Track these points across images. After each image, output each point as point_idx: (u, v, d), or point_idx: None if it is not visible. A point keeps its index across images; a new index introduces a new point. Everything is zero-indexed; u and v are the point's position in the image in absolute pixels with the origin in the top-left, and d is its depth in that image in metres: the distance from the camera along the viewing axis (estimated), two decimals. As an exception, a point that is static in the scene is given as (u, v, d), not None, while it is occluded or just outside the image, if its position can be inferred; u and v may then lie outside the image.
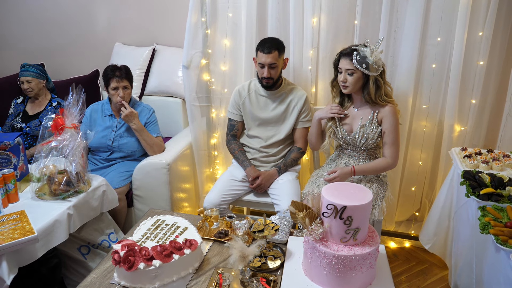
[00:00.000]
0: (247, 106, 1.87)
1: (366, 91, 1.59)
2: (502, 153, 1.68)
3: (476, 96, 1.82)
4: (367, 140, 1.63)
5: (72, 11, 2.62)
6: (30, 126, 2.19)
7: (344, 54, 1.58)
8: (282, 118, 1.85)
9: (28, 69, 2.16)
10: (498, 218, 1.24)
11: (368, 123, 1.62)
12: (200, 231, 1.46)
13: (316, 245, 1.14)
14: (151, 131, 2.02)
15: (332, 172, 1.62)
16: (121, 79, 1.91)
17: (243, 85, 1.91)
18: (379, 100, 1.59)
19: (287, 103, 1.84)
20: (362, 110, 1.65)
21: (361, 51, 1.54)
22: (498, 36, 1.75)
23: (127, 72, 1.95)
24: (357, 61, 1.53)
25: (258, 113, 1.86)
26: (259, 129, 1.89)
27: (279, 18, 1.92)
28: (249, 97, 1.86)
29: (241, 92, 1.88)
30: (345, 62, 1.57)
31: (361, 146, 1.66)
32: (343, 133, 1.67)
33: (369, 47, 1.54)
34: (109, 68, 1.94)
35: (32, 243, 1.32)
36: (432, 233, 1.82)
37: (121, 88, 1.92)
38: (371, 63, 1.53)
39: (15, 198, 1.52)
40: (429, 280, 1.88)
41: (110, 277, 1.26)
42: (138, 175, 1.95)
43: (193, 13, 1.95)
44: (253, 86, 1.88)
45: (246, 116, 1.89)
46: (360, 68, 1.54)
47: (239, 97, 1.88)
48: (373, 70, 1.54)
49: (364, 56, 1.53)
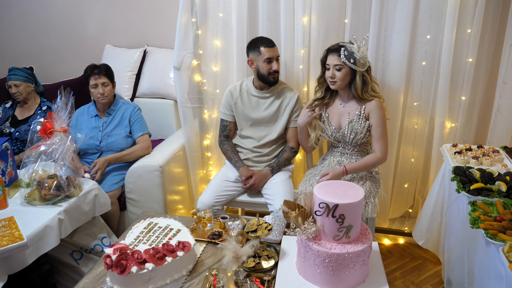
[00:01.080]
0: (239, 106, 1.87)
1: (353, 86, 1.61)
2: (491, 148, 1.69)
3: (466, 92, 1.84)
4: (356, 135, 1.65)
5: (61, 14, 2.59)
6: (20, 131, 2.16)
7: (331, 50, 1.61)
8: (274, 118, 1.86)
9: (16, 72, 2.13)
10: (488, 213, 1.25)
11: (356, 118, 1.64)
12: (193, 233, 1.45)
13: (309, 244, 1.14)
14: (137, 129, 2.01)
15: (324, 175, 1.62)
16: (99, 76, 1.91)
17: (234, 86, 1.90)
18: (366, 95, 1.61)
19: (279, 102, 1.84)
20: (349, 106, 1.67)
21: (348, 47, 1.57)
22: (486, 33, 1.77)
23: (106, 69, 1.95)
24: (345, 56, 1.56)
25: (250, 113, 1.86)
26: (252, 129, 1.89)
27: (269, 18, 1.91)
28: (241, 97, 1.86)
29: (232, 92, 1.88)
30: (333, 58, 1.59)
31: (351, 142, 1.67)
32: (332, 131, 1.69)
33: (356, 43, 1.57)
34: (88, 68, 1.95)
35: (21, 249, 1.30)
36: (425, 229, 1.83)
37: (100, 84, 1.92)
38: (358, 59, 1.56)
39: (4, 204, 1.50)
40: (423, 275, 1.90)
41: (103, 281, 1.25)
42: (130, 178, 1.93)
43: (183, 13, 1.94)
44: (244, 86, 1.87)
45: (238, 116, 1.89)
46: (348, 63, 1.56)
47: (231, 98, 1.87)
48: (360, 66, 1.57)
49: (352, 51, 1.56)
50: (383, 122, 1.62)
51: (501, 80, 1.78)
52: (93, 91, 1.94)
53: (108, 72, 1.96)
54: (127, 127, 2.00)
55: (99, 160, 1.89)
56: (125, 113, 2.01)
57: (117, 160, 1.94)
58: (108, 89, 1.94)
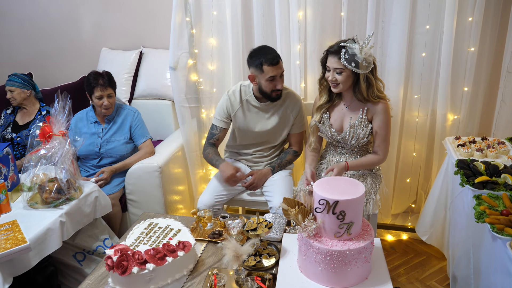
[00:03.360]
0: (240, 118, 1.76)
1: (357, 89, 1.52)
2: (497, 140, 1.66)
3: (469, 83, 1.80)
4: (358, 140, 1.60)
5: (57, 19, 2.60)
6: (21, 136, 2.18)
7: (331, 52, 1.50)
8: (278, 127, 1.77)
9: (11, 78, 2.15)
10: (493, 207, 1.22)
11: (358, 122, 1.57)
12: (194, 233, 1.45)
13: (310, 242, 1.13)
14: (139, 135, 2.01)
15: (329, 170, 1.57)
16: (105, 87, 1.89)
17: (233, 92, 1.75)
18: (372, 97, 1.53)
19: (281, 111, 1.75)
20: (353, 107, 1.60)
21: (349, 48, 1.45)
22: (488, 21, 1.72)
23: (110, 79, 1.93)
24: (346, 59, 1.45)
25: (252, 125, 1.77)
26: (252, 138, 1.82)
27: (264, 14, 1.89)
28: (242, 109, 1.75)
29: (233, 102, 1.74)
30: (333, 61, 1.49)
31: (352, 145, 1.63)
32: (332, 133, 1.63)
33: (358, 44, 1.45)
34: (91, 76, 1.91)
35: (25, 252, 1.31)
36: (429, 224, 1.80)
37: (106, 96, 1.90)
38: (361, 61, 1.44)
39: (7, 208, 1.52)
40: (427, 271, 1.87)
41: (105, 282, 1.25)
42: (130, 180, 1.93)
43: (177, 13, 1.92)
44: (244, 95, 1.76)
45: (238, 127, 1.79)
46: (349, 67, 1.46)
47: (231, 107, 1.75)
48: (363, 68, 1.46)
49: (353, 53, 1.44)
50: (388, 126, 1.57)
51: (505, 69, 1.73)
52: (97, 102, 1.91)
53: (112, 82, 1.93)
54: (127, 133, 2.00)
55: (107, 170, 1.90)
56: (125, 120, 2.00)
57: (122, 168, 1.95)
58: (112, 100, 1.93)
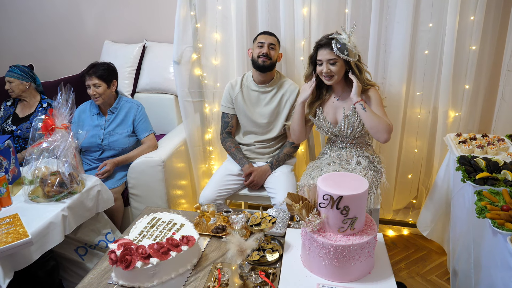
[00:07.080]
0: (240, 101, 1.85)
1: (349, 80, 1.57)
2: (496, 137, 1.68)
3: (470, 81, 1.81)
4: (354, 129, 1.62)
5: (60, 11, 2.57)
6: (21, 128, 2.16)
7: (322, 44, 1.55)
8: (275, 113, 1.84)
9: (11, 69, 2.13)
10: (494, 202, 1.24)
11: (351, 112, 1.61)
12: (197, 227, 1.45)
13: (314, 236, 1.13)
14: (142, 129, 2.00)
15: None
16: (90, 76, 1.89)
17: (236, 79, 1.89)
18: (363, 84, 1.58)
19: (279, 97, 1.82)
20: (344, 98, 1.64)
21: (339, 38, 1.52)
22: (489, 20, 1.74)
23: (103, 69, 1.91)
24: (338, 49, 1.51)
25: (251, 108, 1.85)
26: (253, 125, 1.87)
27: (269, 10, 1.89)
28: (242, 93, 1.85)
29: (234, 86, 1.87)
30: (325, 53, 1.53)
31: (348, 136, 1.65)
32: (328, 126, 1.66)
33: (345, 33, 1.53)
34: (88, 66, 1.93)
35: (26, 246, 1.30)
36: (430, 219, 1.82)
37: (92, 85, 1.90)
38: (351, 49, 1.52)
39: (8, 201, 1.50)
40: (428, 266, 1.89)
41: (107, 277, 1.25)
42: (133, 174, 1.93)
43: (181, 7, 1.92)
44: (245, 81, 1.86)
45: (239, 111, 1.88)
46: (342, 55, 1.51)
47: (232, 91, 1.86)
48: (352, 56, 1.53)
49: (343, 43, 1.51)
50: (382, 106, 1.59)
51: (505, 67, 1.75)
52: (88, 91, 1.93)
53: (103, 72, 1.91)
54: (130, 126, 1.99)
55: (109, 162, 1.89)
56: (129, 113, 1.99)
57: (125, 161, 1.95)
58: (100, 90, 1.90)
